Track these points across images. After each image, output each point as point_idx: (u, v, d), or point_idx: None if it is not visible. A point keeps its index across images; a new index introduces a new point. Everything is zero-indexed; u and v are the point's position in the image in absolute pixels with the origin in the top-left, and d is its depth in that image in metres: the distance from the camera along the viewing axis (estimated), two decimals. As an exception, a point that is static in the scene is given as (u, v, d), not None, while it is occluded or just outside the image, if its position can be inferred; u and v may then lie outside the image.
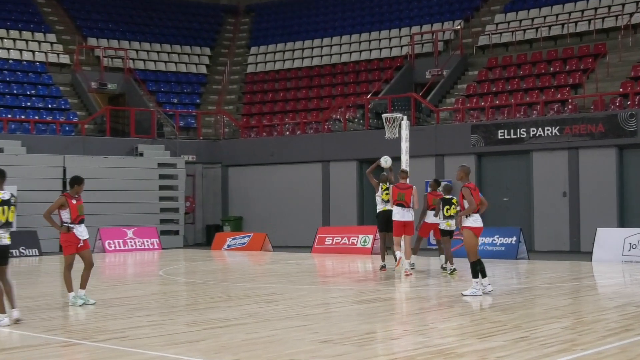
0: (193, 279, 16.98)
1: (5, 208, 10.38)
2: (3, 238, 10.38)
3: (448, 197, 16.68)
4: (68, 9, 36.93)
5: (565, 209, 23.88)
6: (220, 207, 30.88)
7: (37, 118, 29.56)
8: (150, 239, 26.65)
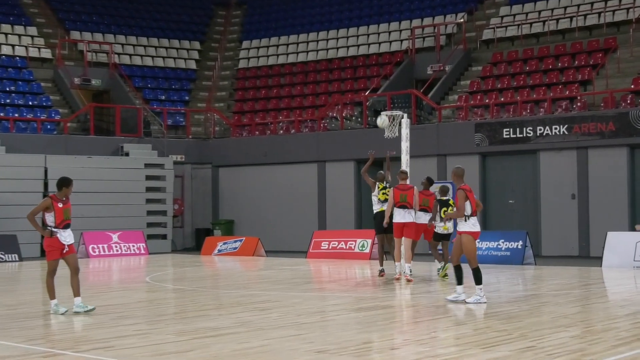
0: (182, 286, 16.97)
1: None
2: None
3: (444, 198, 16.64)
4: (50, 1, 36.90)
5: (574, 212, 23.92)
6: (211, 209, 30.88)
7: (17, 116, 29.53)
8: (137, 244, 26.64)
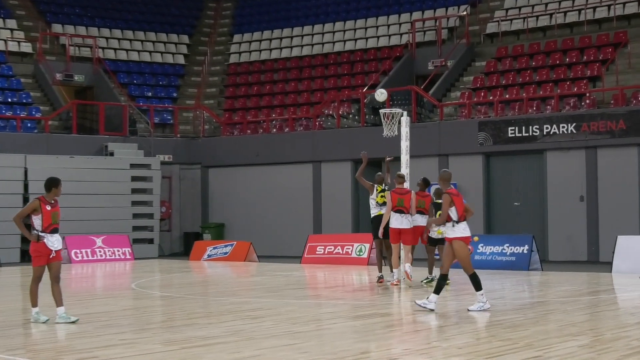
0: (169, 293, 16.95)
1: None
2: None
3: (439, 201, 16.70)
4: (30, -8, 36.87)
5: (583, 215, 23.95)
6: (200, 212, 30.86)
7: (-5, 113, 29.52)
8: (122, 248, 26.61)
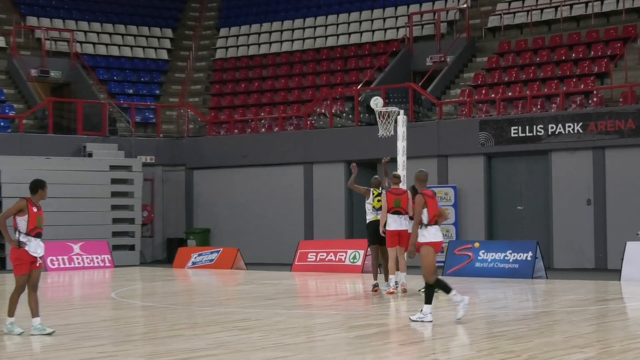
0: (152, 303, 16.94)
1: None
2: None
3: None
4: (3, -17, 36.83)
5: (590, 220, 23.99)
6: (184, 217, 30.82)
7: (-34, 112, 29.47)
8: (101, 255, 26.57)
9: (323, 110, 29.64)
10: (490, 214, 25.55)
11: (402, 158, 18.51)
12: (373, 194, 17.74)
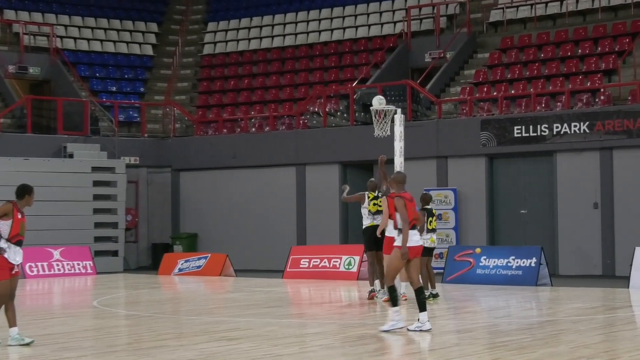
0: (136, 311, 16.92)
1: None
2: None
3: (428, 207, 17.45)
4: (-21, -25, 36.79)
5: (597, 224, 24.02)
6: (170, 221, 30.80)
7: (-60, 110, 29.43)
8: (82, 262, 26.54)
9: (316, 109, 29.64)
10: (492, 218, 25.58)
11: (399, 159, 18.46)
12: (368, 198, 17.72)
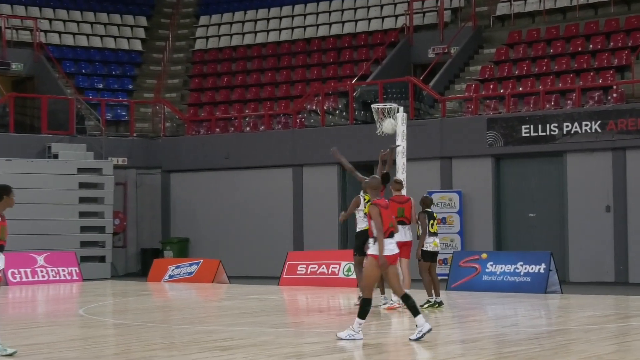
0: (124, 320, 16.92)
1: None
2: None
3: (429, 210, 17.62)
4: (-41, -34, 36.77)
5: (609, 228, 24.03)
6: (160, 225, 30.78)
7: None
8: (68, 268, 26.51)
9: (314, 107, 29.64)
10: (499, 222, 25.58)
11: (401, 160, 18.47)
12: (364, 200, 17.67)
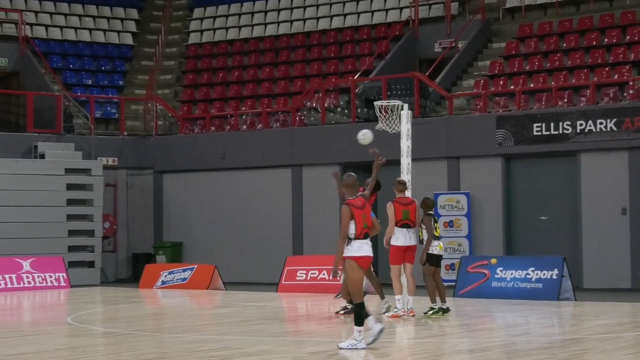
0: (114, 329, 16.92)
1: None
2: None
3: (431, 213, 17.71)
4: (-60, -45, 36.79)
5: (625, 232, 24.01)
6: (152, 229, 30.77)
7: None
8: (55, 273, 26.51)
9: (314, 105, 29.63)
10: (509, 226, 25.57)
11: (406, 160, 18.45)
12: None
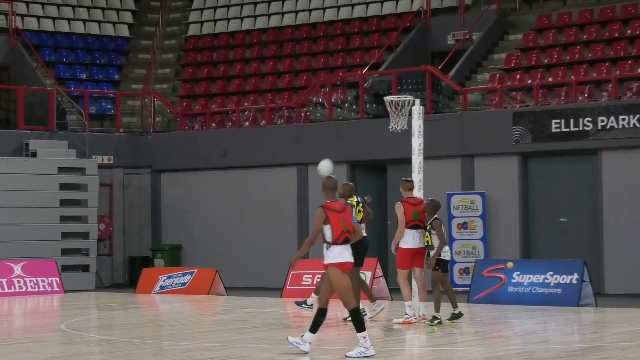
0: (110, 336, 16.94)
1: None
2: None
3: (437, 217, 17.67)
4: None
5: (649, 234, 24.04)
6: (150, 231, 30.80)
7: None
8: (48, 278, 26.53)
9: (320, 100, 29.64)
10: (527, 227, 25.55)
11: (417, 158, 18.42)
12: (352, 206, 17.73)
